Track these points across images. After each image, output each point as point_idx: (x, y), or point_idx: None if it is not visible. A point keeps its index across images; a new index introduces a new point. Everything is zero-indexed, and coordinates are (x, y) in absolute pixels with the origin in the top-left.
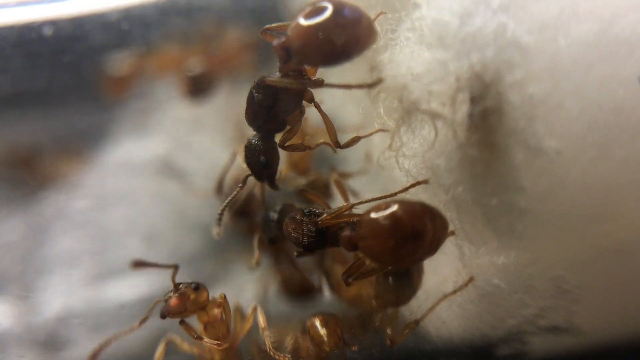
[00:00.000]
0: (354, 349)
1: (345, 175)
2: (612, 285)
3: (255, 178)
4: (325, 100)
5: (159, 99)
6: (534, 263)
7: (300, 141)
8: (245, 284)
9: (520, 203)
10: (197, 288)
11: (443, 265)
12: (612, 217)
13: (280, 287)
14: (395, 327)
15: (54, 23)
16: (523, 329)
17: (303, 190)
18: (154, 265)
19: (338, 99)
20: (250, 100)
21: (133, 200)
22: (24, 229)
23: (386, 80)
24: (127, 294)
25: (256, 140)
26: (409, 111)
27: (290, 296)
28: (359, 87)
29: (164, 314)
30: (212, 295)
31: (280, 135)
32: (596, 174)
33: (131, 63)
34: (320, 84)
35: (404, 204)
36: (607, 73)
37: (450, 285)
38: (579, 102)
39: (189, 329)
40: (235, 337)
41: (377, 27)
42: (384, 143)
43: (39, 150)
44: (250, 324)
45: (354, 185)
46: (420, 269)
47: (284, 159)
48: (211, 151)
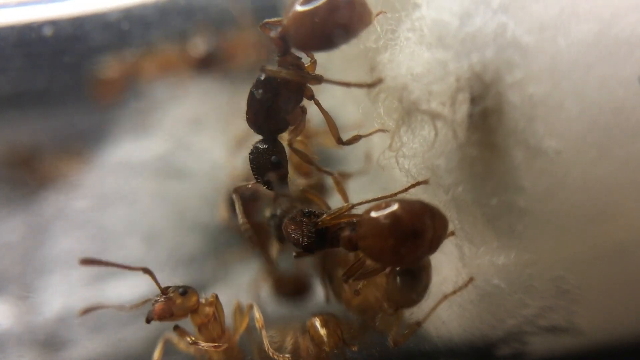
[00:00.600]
0: (354, 349)
1: (345, 175)
2: (612, 285)
3: (264, 184)
4: (325, 101)
5: (159, 99)
6: (534, 263)
7: (306, 144)
8: (245, 284)
9: (520, 203)
10: (185, 293)
11: (443, 265)
12: (612, 217)
13: (272, 288)
14: (399, 329)
15: (54, 23)
16: (523, 329)
17: (303, 190)
18: (120, 265)
19: (338, 99)
20: (250, 100)
21: (133, 200)
22: (24, 229)
23: (386, 80)
24: (127, 294)
25: (261, 144)
26: (409, 111)
27: (283, 296)
28: (359, 86)
29: (149, 319)
30: (205, 296)
31: (283, 137)
32: (596, 174)
33: (121, 66)
34: (320, 80)
35: (404, 203)
36: (607, 73)
37: (450, 285)
38: (579, 102)
39: (183, 334)
40: (232, 336)
41: (371, 8)
42: (384, 143)
43: (39, 150)
44: (246, 323)
45: (354, 185)
46: (428, 264)
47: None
48: (211, 151)
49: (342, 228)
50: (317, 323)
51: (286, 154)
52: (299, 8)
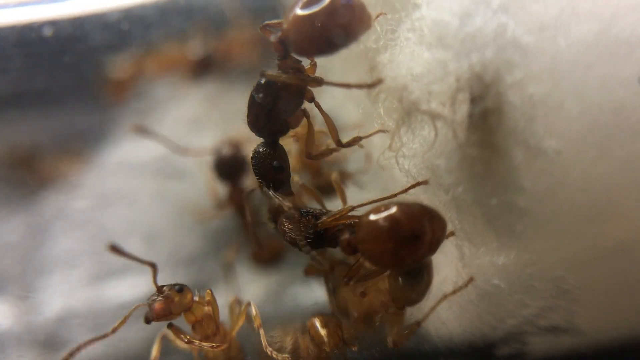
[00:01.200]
0: (354, 349)
1: (345, 175)
2: (612, 285)
3: (267, 187)
4: (325, 101)
5: (159, 99)
6: (534, 263)
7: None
8: (245, 284)
9: (520, 203)
10: (181, 290)
11: (443, 265)
12: (612, 217)
13: (251, 257)
14: (400, 329)
15: (54, 23)
16: (523, 329)
17: (301, 186)
18: (130, 256)
19: (338, 100)
20: (251, 103)
21: (133, 200)
22: (24, 229)
23: (386, 80)
24: (127, 294)
25: (263, 148)
26: (409, 111)
27: (259, 264)
28: (359, 87)
29: (149, 319)
30: (199, 294)
31: (283, 140)
32: (596, 174)
33: (131, 66)
34: (320, 82)
35: (402, 206)
36: (607, 73)
37: (450, 286)
38: (579, 102)
39: (178, 333)
40: (227, 334)
41: (370, 11)
42: (384, 143)
43: (39, 150)
44: (243, 320)
45: (354, 185)
46: (430, 261)
47: (295, 160)
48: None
49: (341, 231)
50: (318, 323)
51: (287, 157)
52: (299, 12)
